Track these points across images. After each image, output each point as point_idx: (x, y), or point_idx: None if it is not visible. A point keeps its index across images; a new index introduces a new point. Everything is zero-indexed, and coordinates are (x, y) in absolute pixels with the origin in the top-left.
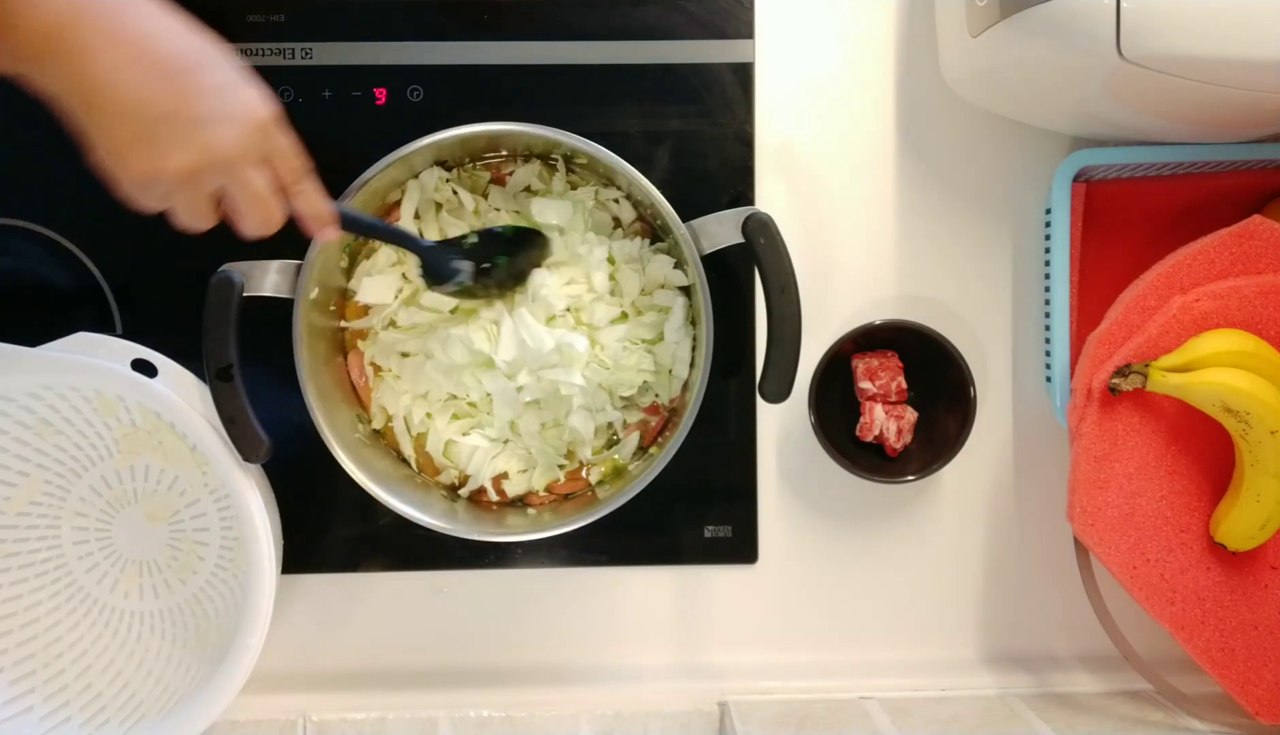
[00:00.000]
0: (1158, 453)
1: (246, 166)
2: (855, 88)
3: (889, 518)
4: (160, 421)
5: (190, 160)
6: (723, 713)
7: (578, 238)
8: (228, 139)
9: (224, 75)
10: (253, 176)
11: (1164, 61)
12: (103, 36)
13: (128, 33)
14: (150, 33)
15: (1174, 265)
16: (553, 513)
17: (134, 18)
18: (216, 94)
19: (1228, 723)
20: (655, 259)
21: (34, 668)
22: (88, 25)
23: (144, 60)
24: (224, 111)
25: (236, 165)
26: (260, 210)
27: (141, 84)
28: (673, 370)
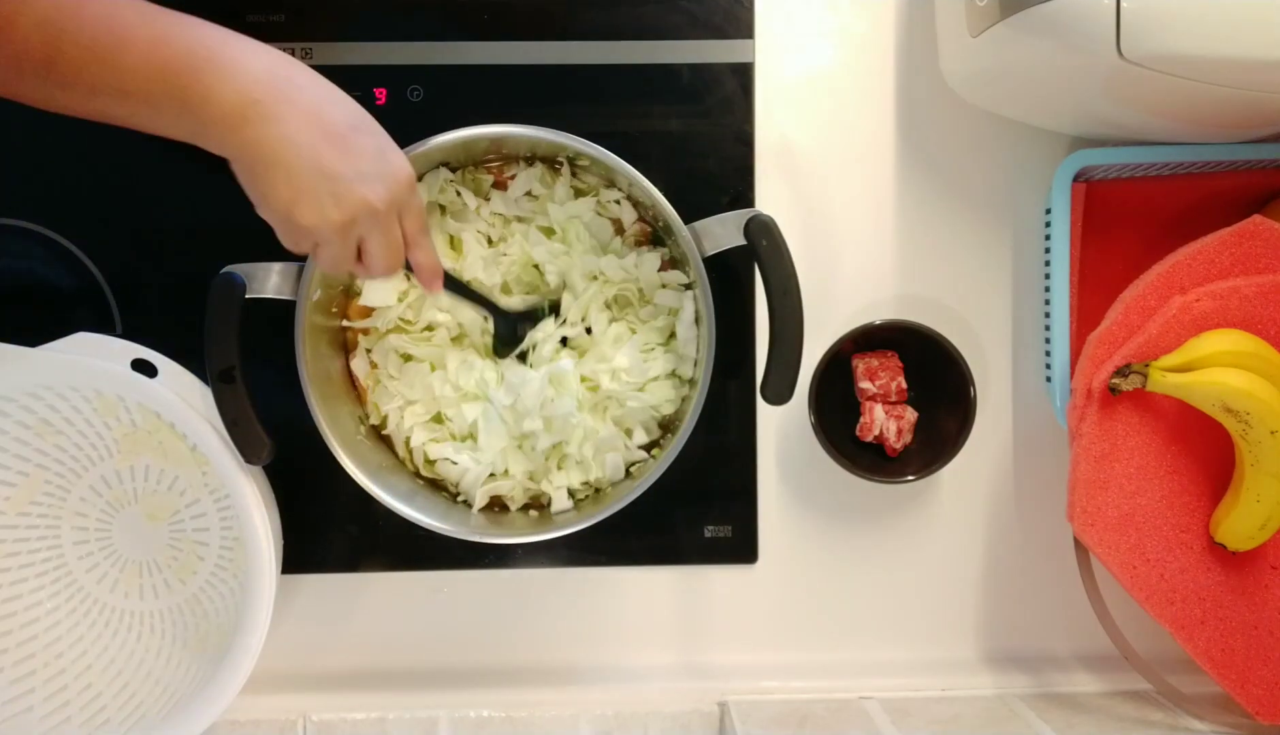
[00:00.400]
0: (1158, 453)
1: (390, 219)
2: (855, 88)
3: (889, 518)
4: (160, 421)
5: (349, 213)
6: (723, 713)
7: (576, 270)
8: (379, 195)
9: (378, 139)
10: (393, 228)
11: (1164, 61)
12: (287, 106)
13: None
14: (321, 101)
15: (1174, 265)
16: (552, 514)
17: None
18: (372, 155)
19: (1228, 723)
20: (645, 259)
21: (34, 668)
22: (274, 96)
23: (318, 123)
24: (377, 171)
25: (383, 218)
26: (393, 257)
27: (315, 144)
28: (682, 373)
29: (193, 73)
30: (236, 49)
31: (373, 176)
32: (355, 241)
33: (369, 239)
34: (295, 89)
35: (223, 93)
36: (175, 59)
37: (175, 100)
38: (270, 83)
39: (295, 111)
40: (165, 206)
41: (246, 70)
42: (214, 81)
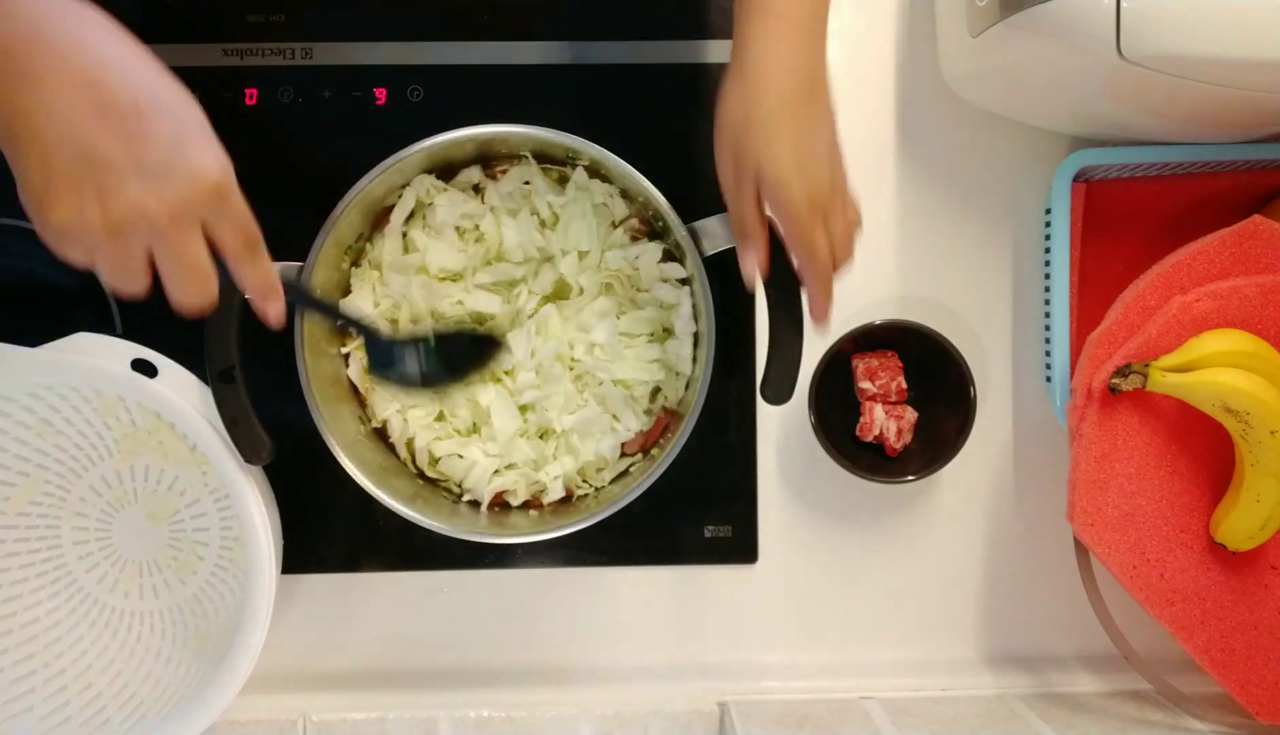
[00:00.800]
0: (1158, 453)
1: (182, 230)
2: (855, 88)
3: (889, 518)
4: (160, 421)
5: (117, 214)
6: (723, 713)
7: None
8: (162, 197)
9: (179, 126)
10: (188, 242)
11: (1164, 61)
12: (55, 63)
13: (83, 62)
14: (107, 65)
15: (1174, 265)
16: (553, 513)
17: (94, 48)
18: (166, 145)
19: (1228, 723)
20: (647, 249)
21: (34, 668)
22: (42, 50)
23: (93, 94)
24: (166, 166)
25: (170, 228)
26: (189, 279)
27: (82, 121)
28: (678, 369)
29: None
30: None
31: (157, 172)
32: (139, 253)
33: (156, 255)
34: (74, 46)
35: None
36: None
37: None
38: (40, 33)
39: (65, 74)
40: None
41: (11, 12)
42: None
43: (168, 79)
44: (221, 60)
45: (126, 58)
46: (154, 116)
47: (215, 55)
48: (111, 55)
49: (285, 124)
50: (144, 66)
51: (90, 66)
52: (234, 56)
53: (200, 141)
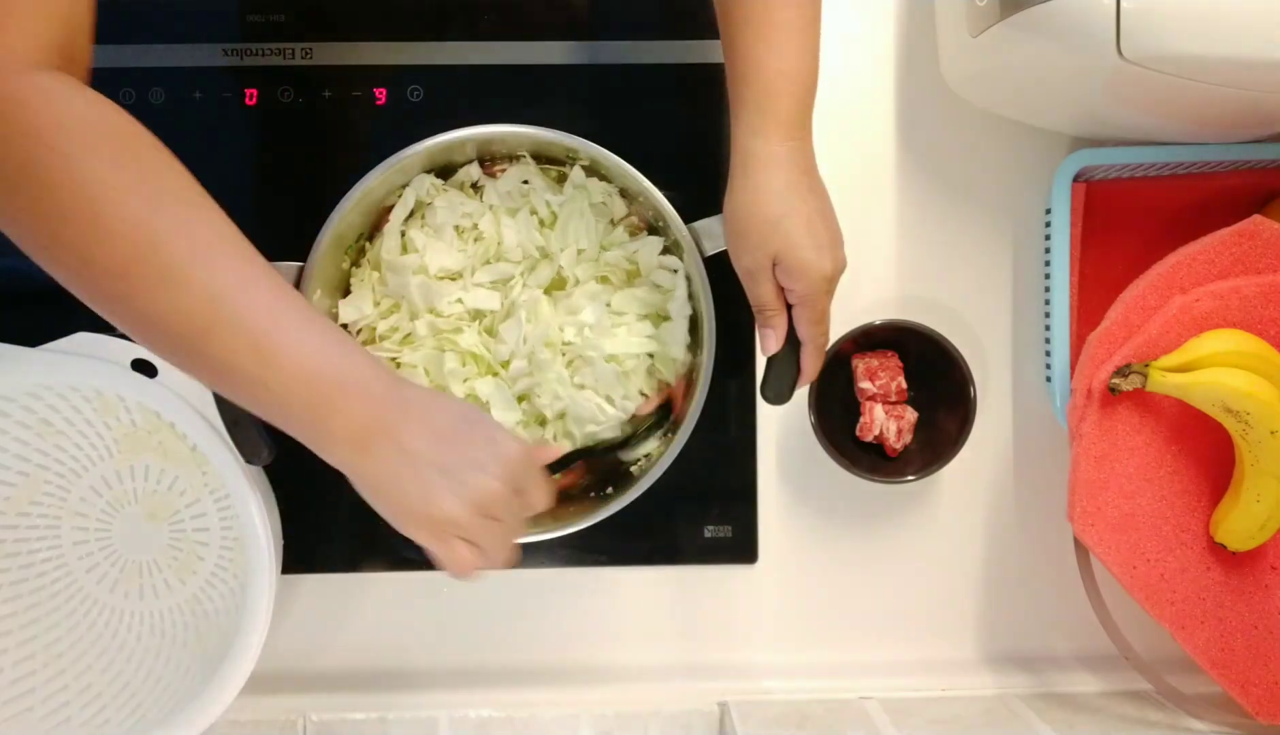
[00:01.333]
0: (1158, 453)
1: (513, 497)
2: (855, 88)
3: (889, 518)
4: (160, 421)
5: (476, 497)
6: (723, 713)
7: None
8: (499, 476)
9: (486, 428)
10: (515, 506)
11: (1164, 61)
12: (404, 419)
13: (417, 412)
14: (429, 406)
15: (1174, 265)
16: (553, 514)
17: (417, 399)
18: (482, 442)
19: (1228, 723)
20: (646, 242)
21: (34, 668)
22: (395, 412)
23: (431, 429)
24: (490, 455)
25: (506, 496)
26: (514, 537)
27: (432, 448)
28: (672, 353)
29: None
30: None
31: (489, 460)
32: (492, 524)
33: (480, 532)
34: (408, 402)
35: (351, 411)
36: (323, 373)
37: (310, 407)
38: (388, 398)
39: (410, 422)
40: None
41: (371, 392)
42: (345, 402)
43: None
44: (221, 60)
45: (432, 395)
46: (469, 425)
47: (215, 55)
48: (426, 395)
49: (285, 124)
50: (442, 396)
51: (423, 409)
52: (234, 56)
53: (502, 430)
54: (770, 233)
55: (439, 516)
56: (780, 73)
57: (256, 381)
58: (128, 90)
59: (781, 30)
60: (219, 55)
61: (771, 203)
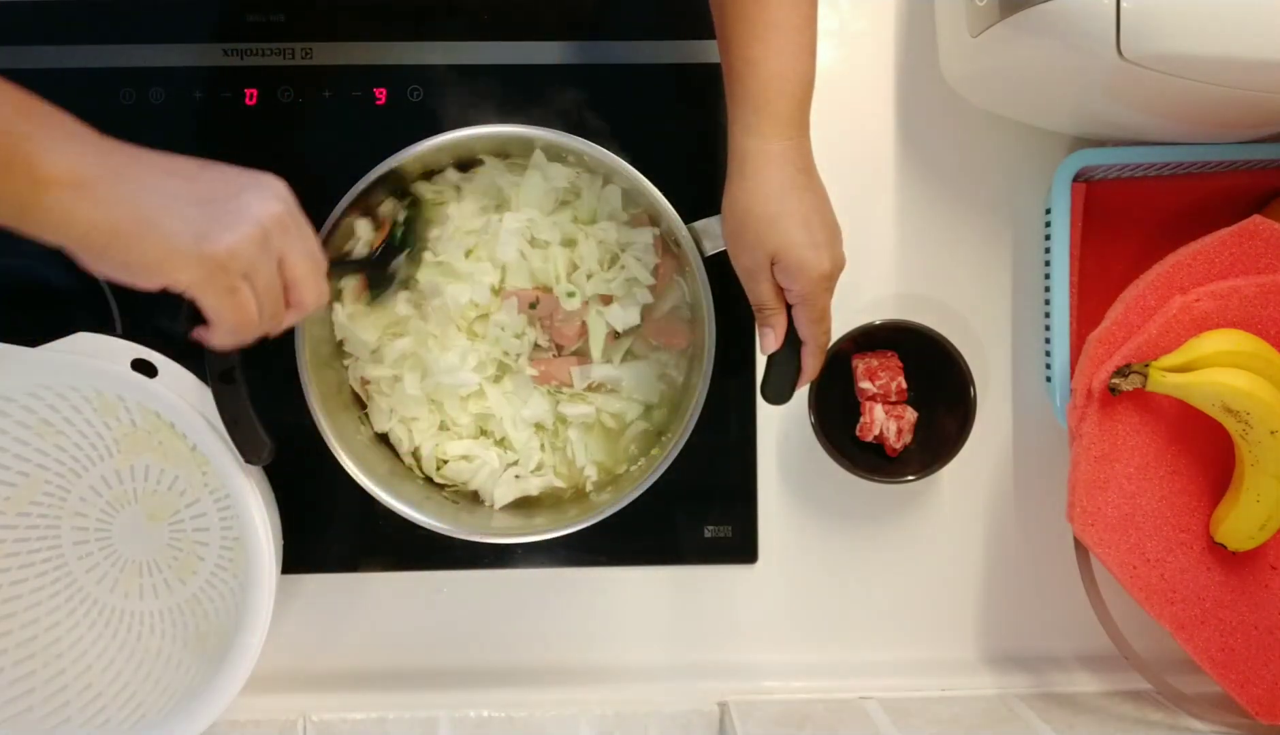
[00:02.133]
0: (1158, 453)
1: (297, 223)
2: (855, 88)
3: (889, 518)
4: (160, 421)
5: (256, 223)
6: (723, 713)
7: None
8: (273, 197)
9: (225, 168)
10: (303, 233)
11: (1164, 61)
12: (134, 165)
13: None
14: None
15: (1174, 265)
16: (552, 515)
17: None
18: (235, 176)
19: (1228, 723)
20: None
21: (34, 668)
22: (120, 159)
23: (169, 169)
24: (254, 182)
25: (290, 221)
26: (318, 270)
27: (183, 186)
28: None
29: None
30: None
31: (254, 187)
32: (275, 262)
33: (289, 250)
34: (133, 149)
35: (66, 150)
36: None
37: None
38: (107, 143)
39: (143, 161)
40: None
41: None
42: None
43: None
44: (221, 60)
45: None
46: (211, 166)
47: (215, 55)
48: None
49: (285, 124)
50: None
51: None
52: (234, 56)
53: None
54: (768, 231)
55: (217, 252)
56: (776, 71)
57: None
58: (128, 90)
59: (777, 29)
60: (219, 55)
61: (769, 201)
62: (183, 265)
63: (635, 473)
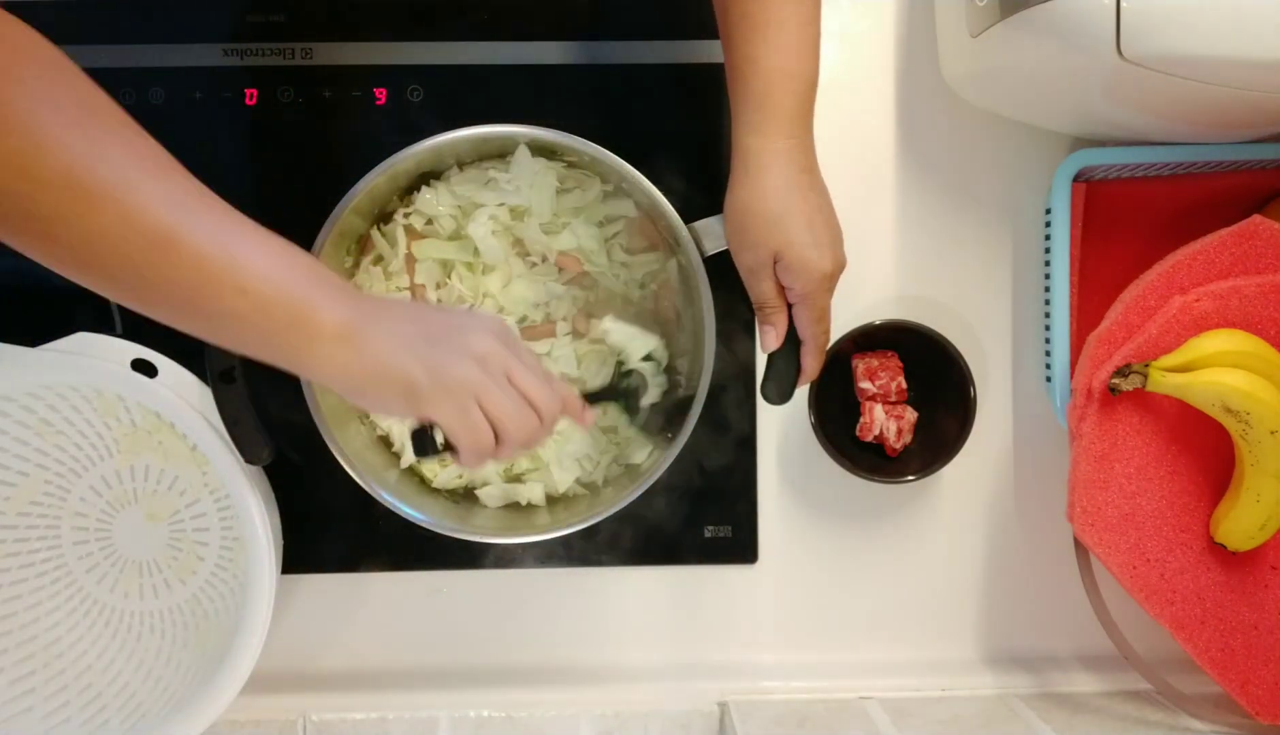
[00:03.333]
0: (1158, 453)
1: (510, 358)
2: (855, 88)
3: (889, 518)
4: (160, 421)
5: (478, 351)
6: (723, 713)
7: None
8: (490, 332)
9: (457, 309)
10: (517, 364)
11: (1164, 61)
12: (383, 311)
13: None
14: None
15: (1174, 265)
16: (553, 514)
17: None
18: (461, 314)
19: (1228, 723)
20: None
21: (34, 668)
22: (372, 308)
23: (408, 315)
24: (473, 320)
25: (504, 353)
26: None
27: (416, 328)
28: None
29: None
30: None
31: (471, 326)
32: (503, 378)
33: (512, 369)
34: (378, 296)
35: (335, 306)
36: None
37: (293, 307)
38: (360, 295)
39: (390, 309)
40: None
41: (345, 289)
42: (326, 299)
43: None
44: (221, 60)
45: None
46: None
47: (215, 55)
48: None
49: (285, 124)
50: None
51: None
52: (234, 56)
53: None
54: (770, 230)
55: (451, 380)
56: (779, 70)
57: (230, 289)
58: (128, 90)
59: (780, 28)
60: (219, 55)
61: (772, 200)
62: (423, 401)
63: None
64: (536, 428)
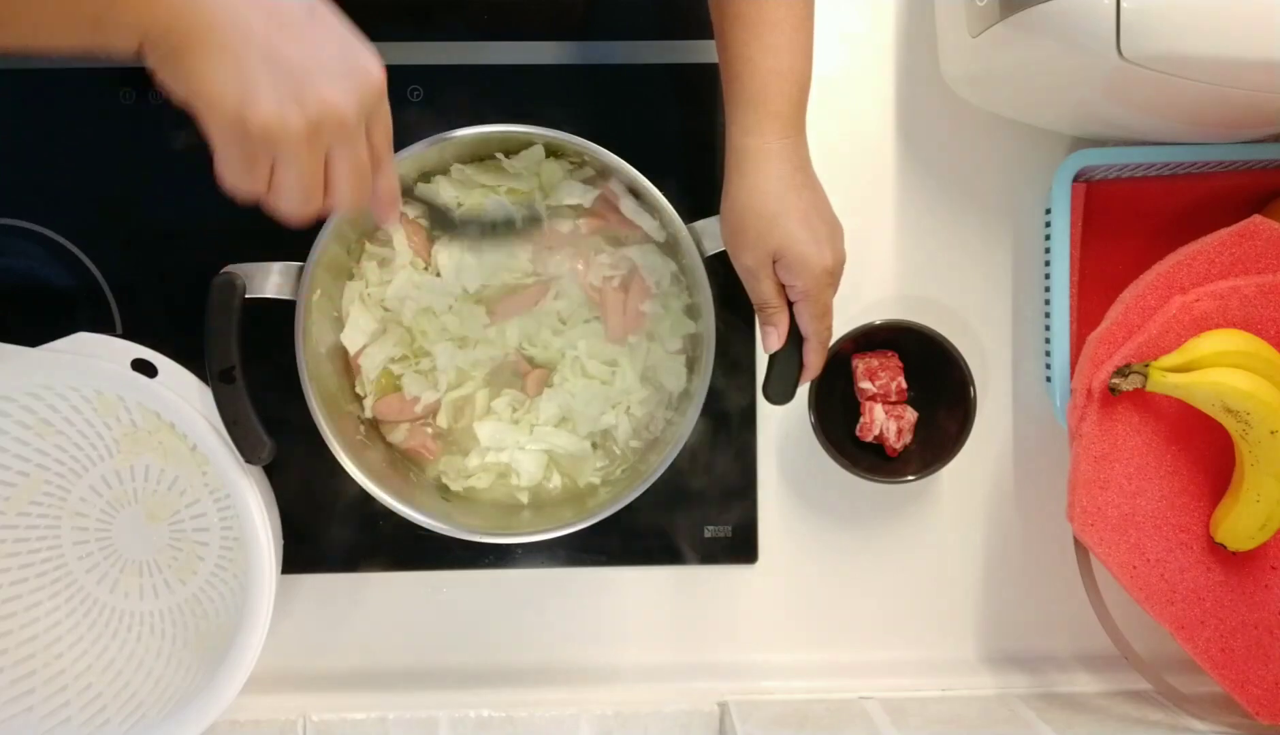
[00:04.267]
0: (1158, 453)
1: (360, 129)
2: (855, 88)
3: (889, 518)
4: (160, 421)
5: (314, 112)
6: (723, 713)
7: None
8: (349, 94)
9: (340, 32)
10: (361, 142)
11: (1164, 61)
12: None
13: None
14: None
15: (1174, 265)
16: (552, 514)
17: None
18: (336, 49)
19: (1228, 723)
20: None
21: (34, 668)
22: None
23: (267, 6)
24: (344, 67)
25: (352, 126)
26: (360, 180)
27: (270, 31)
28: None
29: None
30: None
31: (339, 73)
32: (321, 158)
33: (336, 155)
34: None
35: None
36: None
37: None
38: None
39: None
40: (165, 206)
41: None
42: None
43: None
44: None
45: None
46: (319, 23)
47: None
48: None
49: None
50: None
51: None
52: None
53: (359, 43)
54: (768, 229)
55: (254, 123)
56: (773, 70)
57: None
58: (127, 90)
59: (774, 28)
60: None
61: (768, 199)
62: (217, 124)
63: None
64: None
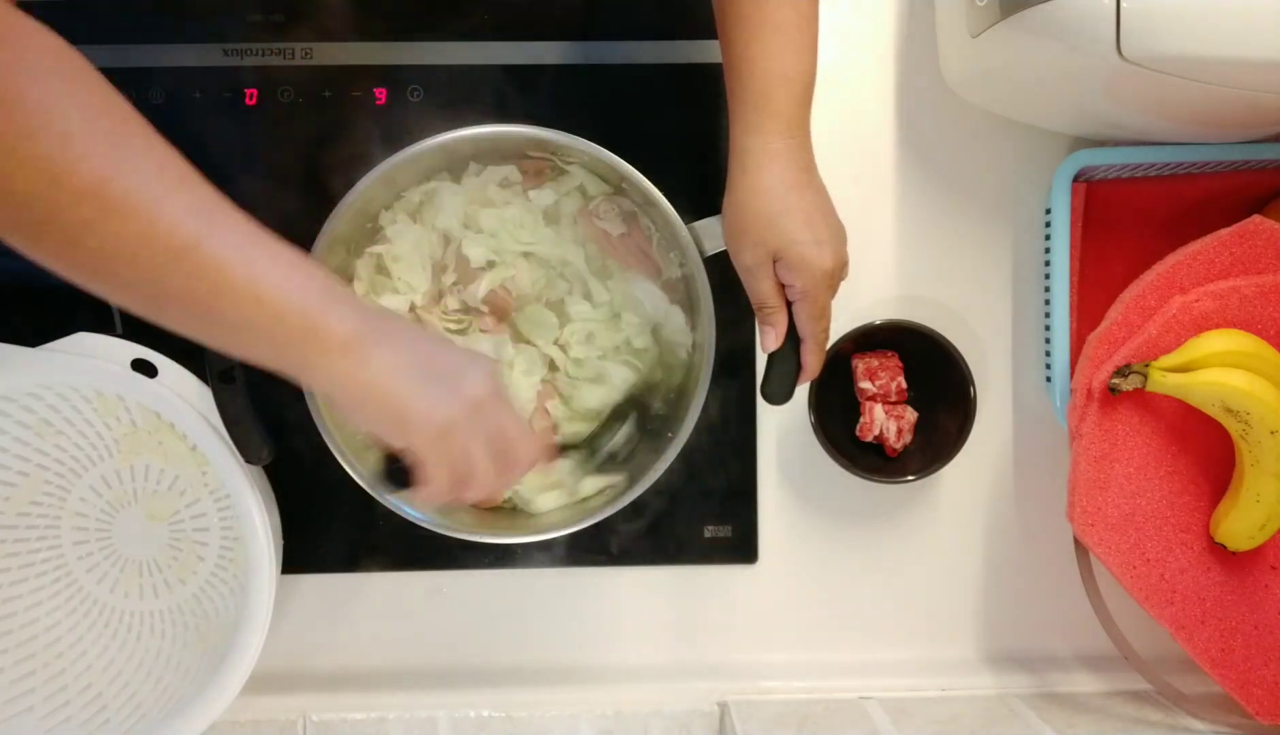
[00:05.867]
0: (1158, 453)
1: (502, 404)
2: (855, 88)
3: (889, 518)
4: (160, 421)
5: (470, 397)
6: (723, 713)
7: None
8: (485, 378)
9: (460, 350)
10: (505, 415)
11: (1164, 61)
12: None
13: (400, 332)
14: (410, 331)
15: (1174, 265)
16: (552, 515)
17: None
18: (461, 353)
19: (1228, 723)
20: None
21: (34, 668)
22: (377, 327)
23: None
24: (472, 366)
25: (491, 406)
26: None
27: (418, 360)
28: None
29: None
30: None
31: (472, 368)
32: (488, 429)
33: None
34: (388, 316)
35: (345, 317)
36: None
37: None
38: (371, 311)
39: (398, 332)
40: None
41: (356, 304)
42: (338, 309)
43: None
44: (221, 60)
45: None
46: (445, 345)
47: (215, 55)
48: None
49: (285, 124)
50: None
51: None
52: (234, 56)
53: (475, 354)
54: (769, 229)
55: (440, 420)
56: (777, 72)
57: (248, 298)
58: (128, 90)
59: (778, 29)
60: (219, 55)
61: (770, 200)
62: (411, 430)
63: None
64: (507, 479)
